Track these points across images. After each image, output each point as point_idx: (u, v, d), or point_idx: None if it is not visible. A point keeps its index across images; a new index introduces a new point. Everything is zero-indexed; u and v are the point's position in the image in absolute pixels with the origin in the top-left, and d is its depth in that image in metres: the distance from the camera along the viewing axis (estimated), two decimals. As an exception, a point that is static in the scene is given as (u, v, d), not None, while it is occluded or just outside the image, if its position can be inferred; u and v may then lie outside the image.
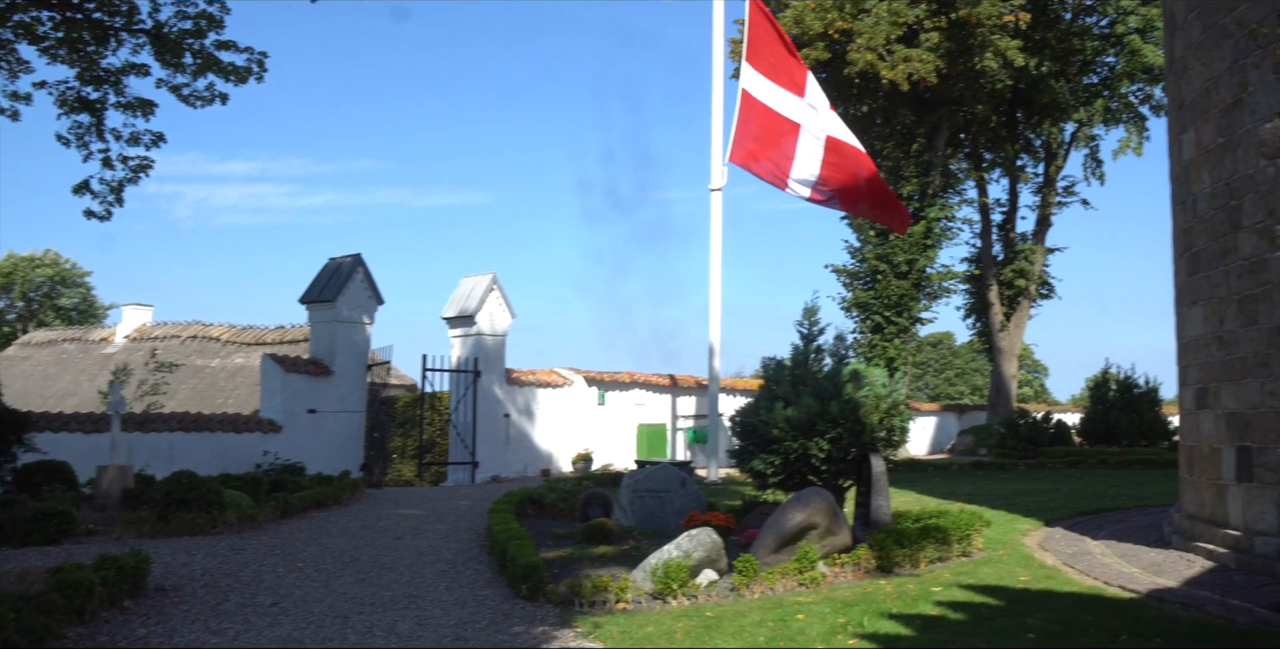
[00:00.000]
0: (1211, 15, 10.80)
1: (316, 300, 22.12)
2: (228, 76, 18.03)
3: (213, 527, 12.59)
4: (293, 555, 11.06)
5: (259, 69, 18.25)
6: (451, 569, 10.43)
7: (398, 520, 14.21)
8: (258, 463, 18.76)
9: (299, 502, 14.74)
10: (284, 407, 20.64)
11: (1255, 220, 9.85)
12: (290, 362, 21.26)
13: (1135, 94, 35.85)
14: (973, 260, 36.64)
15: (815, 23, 29.97)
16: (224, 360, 33.03)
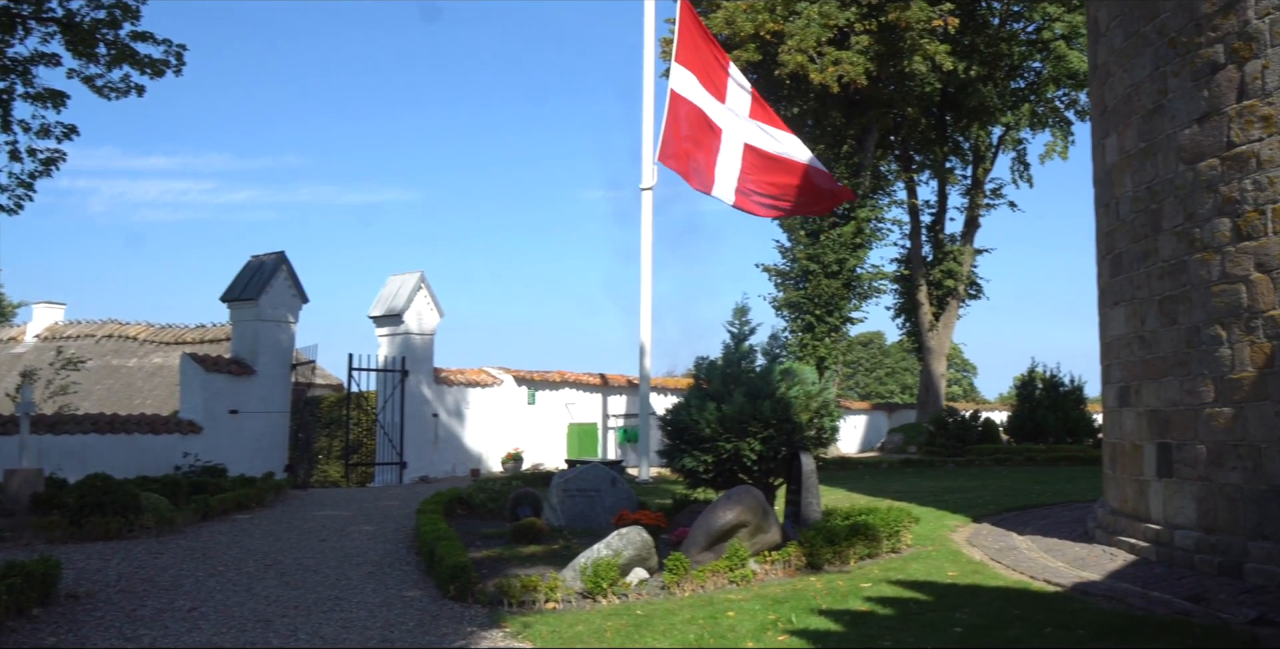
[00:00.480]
0: (1133, 23, 11.05)
1: (239, 298, 21.62)
2: (144, 69, 17.63)
3: (129, 531, 12.20)
4: (213, 559, 10.82)
5: (177, 62, 17.89)
6: (378, 571, 10.30)
7: (323, 522, 14.01)
8: (177, 465, 18.34)
9: (220, 504, 14.38)
10: (204, 407, 20.12)
11: (1175, 223, 10.09)
12: (211, 361, 20.76)
13: (1061, 99, 36.42)
14: (902, 261, 37.02)
15: (746, 24, 30.11)
16: (141, 360, 32.00)
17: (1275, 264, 8.83)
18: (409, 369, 23.40)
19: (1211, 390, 9.52)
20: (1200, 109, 9.78)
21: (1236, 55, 9.36)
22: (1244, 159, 9.20)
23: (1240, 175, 9.22)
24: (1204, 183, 9.67)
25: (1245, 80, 9.26)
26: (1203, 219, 9.67)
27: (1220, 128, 9.51)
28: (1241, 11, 9.34)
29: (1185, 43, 10.04)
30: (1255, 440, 8.96)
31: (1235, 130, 9.32)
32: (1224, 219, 9.40)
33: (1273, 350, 8.83)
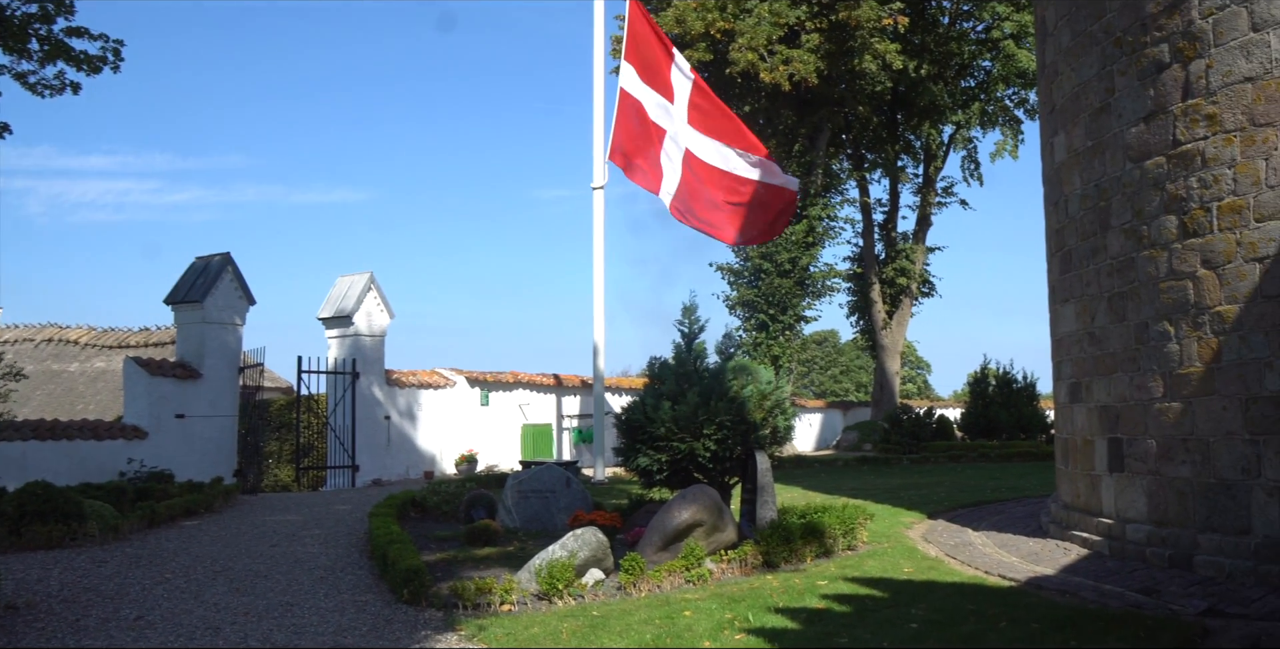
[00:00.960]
0: (1080, 23, 11.17)
1: (183, 301, 21.11)
2: (79, 65, 17.12)
3: (72, 539, 11.87)
4: (160, 566, 10.59)
5: (114, 58, 17.42)
6: (330, 575, 10.14)
7: (273, 527, 13.78)
8: (122, 471, 17.92)
9: (167, 510, 14.06)
10: (150, 412, 19.71)
11: (1123, 220, 10.21)
12: (155, 365, 20.31)
13: (1010, 98, 36.66)
14: (855, 259, 37.19)
15: (697, 23, 30.12)
16: (83, 364, 31.29)
17: (1221, 261, 8.96)
18: (360, 371, 23.10)
19: (1160, 386, 9.64)
20: (1147, 108, 9.90)
21: (1181, 55, 9.49)
22: (1189, 157, 9.32)
23: (1186, 173, 9.35)
24: (1151, 180, 9.79)
25: (1190, 79, 9.39)
26: (1150, 216, 9.79)
27: (1166, 126, 9.63)
28: (1186, 11, 9.47)
29: (1131, 42, 10.16)
30: (1204, 435, 9.09)
31: (1181, 129, 9.45)
32: (1171, 216, 9.53)
33: (1220, 346, 8.96)
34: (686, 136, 21.29)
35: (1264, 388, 8.54)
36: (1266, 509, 8.49)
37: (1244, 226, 8.77)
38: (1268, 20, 8.73)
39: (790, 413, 13.45)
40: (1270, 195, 8.57)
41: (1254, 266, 8.68)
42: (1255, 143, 8.74)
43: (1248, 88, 8.86)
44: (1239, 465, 8.74)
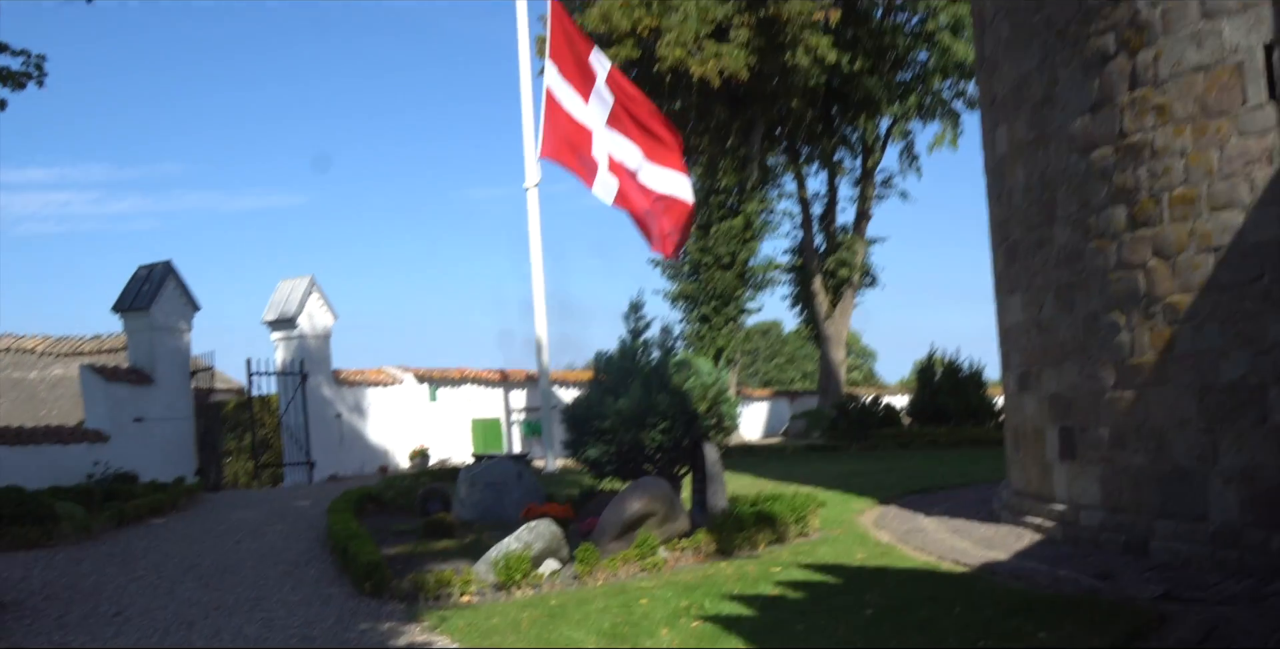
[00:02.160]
0: (1020, 14, 11.25)
1: (130, 309, 21.36)
2: (4, 82, 17.13)
3: (47, 539, 12.19)
4: (132, 564, 10.78)
5: (38, 72, 17.07)
6: (295, 570, 10.28)
7: (237, 523, 13.95)
8: (89, 473, 18.16)
9: (135, 509, 14.33)
10: (109, 416, 19.95)
11: (1069, 212, 10.31)
12: (110, 371, 20.63)
13: (948, 89, 36.80)
14: (795, 251, 37.26)
15: (623, 20, 29.83)
16: (42, 372, 31.58)
17: (1174, 251, 9.06)
18: (308, 371, 23.33)
19: (1112, 375, 9.75)
20: (1092, 99, 9.98)
21: (1128, 45, 9.56)
22: (1138, 148, 9.41)
23: (1135, 164, 9.44)
24: (1098, 172, 9.88)
25: (1137, 69, 9.47)
26: (1097, 207, 9.89)
27: (1113, 117, 9.72)
28: (1132, 2, 9.54)
29: (1074, 33, 10.23)
30: (1158, 423, 9.20)
31: (1128, 120, 9.53)
32: (1120, 207, 9.62)
33: (1173, 336, 9.07)
34: (609, 137, 21.36)
35: (1219, 377, 8.66)
36: (1223, 496, 8.61)
37: (1197, 217, 8.87)
38: (1219, 8, 8.79)
39: (734, 402, 13.57)
40: (1224, 185, 8.67)
41: (1208, 257, 8.78)
42: (1208, 132, 8.84)
43: (1199, 77, 8.94)
44: (1194, 453, 8.86)
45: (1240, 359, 8.53)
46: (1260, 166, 8.44)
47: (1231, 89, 8.71)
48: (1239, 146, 8.61)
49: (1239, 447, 8.50)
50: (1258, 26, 8.52)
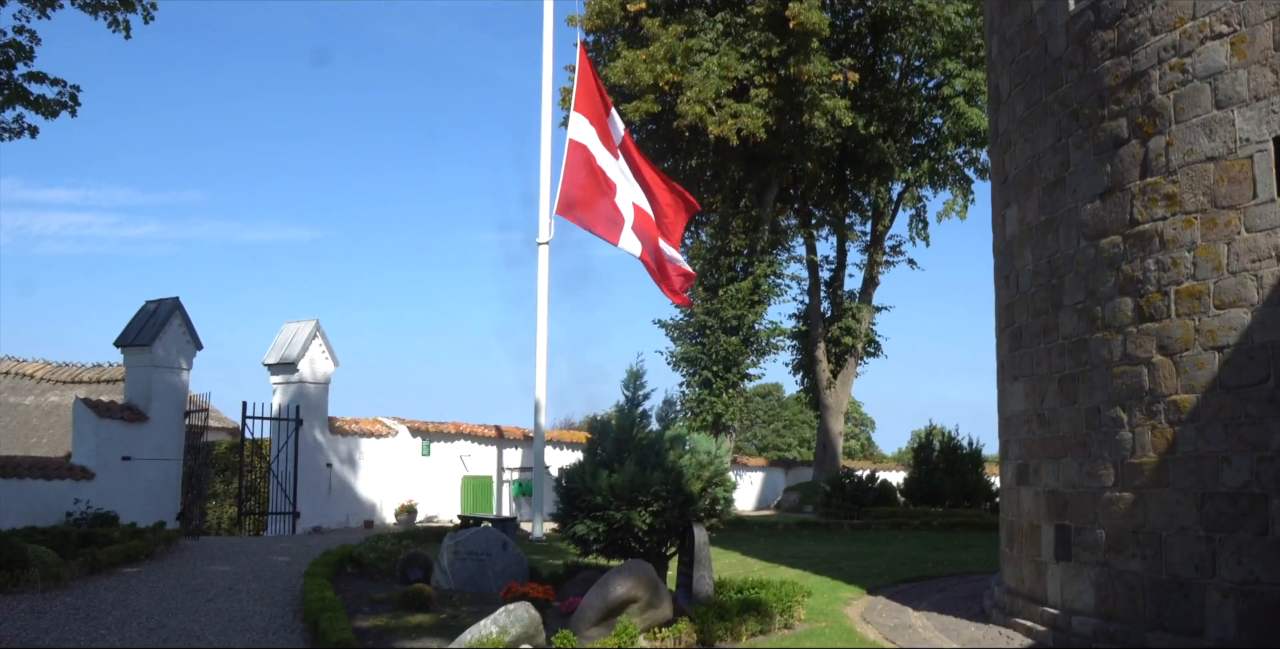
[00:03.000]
0: (1035, 93, 10.95)
1: (132, 344, 21.31)
2: (38, 109, 17.37)
3: (14, 586, 11.72)
4: (97, 620, 10.32)
5: (71, 102, 17.70)
6: (263, 638, 9.80)
7: (211, 578, 13.46)
8: (69, 511, 18.01)
9: (108, 557, 13.86)
10: (97, 453, 19.76)
11: (1076, 300, 9.93)
12: (104, 407, 20.43)
13: (961, 156, 36.66)
14: (800, 317, 36.94)
15: (645, 74, 29.92)
16: (38, 398, 31.63)
17: (1179, 347, 8.66)
18: (303, 418, 23.20)
19: (1112, 474, 9.31)
20: (1103, 184, 9.64)
21: (1140, 130, 9.24)
22: (1147, 238, 9.05)
23: (1143, 254, 9.07)
24: (1106, 260, 9.51)
25: (1149, 156, 9.13)
26: (1105, 297, 9.51)
27: (1123, 204, 9.37)
28: (1145, 85, 9.23)
29: (1088, 115, 9.92)
30: (1156, 528, 8.75)
31: (1138, 208, 9.18)
32: (1126, 298, 9.24)
33: (1175, 436, 8.64)
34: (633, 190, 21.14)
35: (1221, 483, 8.22)
36: (1221, 611, 8.12)
37: (1203, 313, 8.48)
38: (1232, 98, 8.47)
39: (730, 485, 13.14)
40: (1232, 282, 8.28)
41: (1213, 356, 8.38)
42: (1217, 225, 8.47)
43: (1210, 168, 8.60)
44: (1193, 563, 8.39)
45: (1243, 465, 8.09)
46: (1268, 264, 8.06)
47: (1242, 182, 8.35)
48: (1248, 242, 8.24)
49: (1238, 558, 8.03)
50: (1269, 119, 8.18)
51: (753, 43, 30.75)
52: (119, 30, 17.65)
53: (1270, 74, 8.18)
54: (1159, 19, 9.11)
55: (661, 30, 30.59)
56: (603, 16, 31.73)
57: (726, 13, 31.71)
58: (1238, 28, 8.42)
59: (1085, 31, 10.01)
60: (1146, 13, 9.23)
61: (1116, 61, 9.57)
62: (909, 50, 34.96)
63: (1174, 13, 8.97)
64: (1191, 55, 8.79)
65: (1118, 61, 9.55)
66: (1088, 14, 9.97)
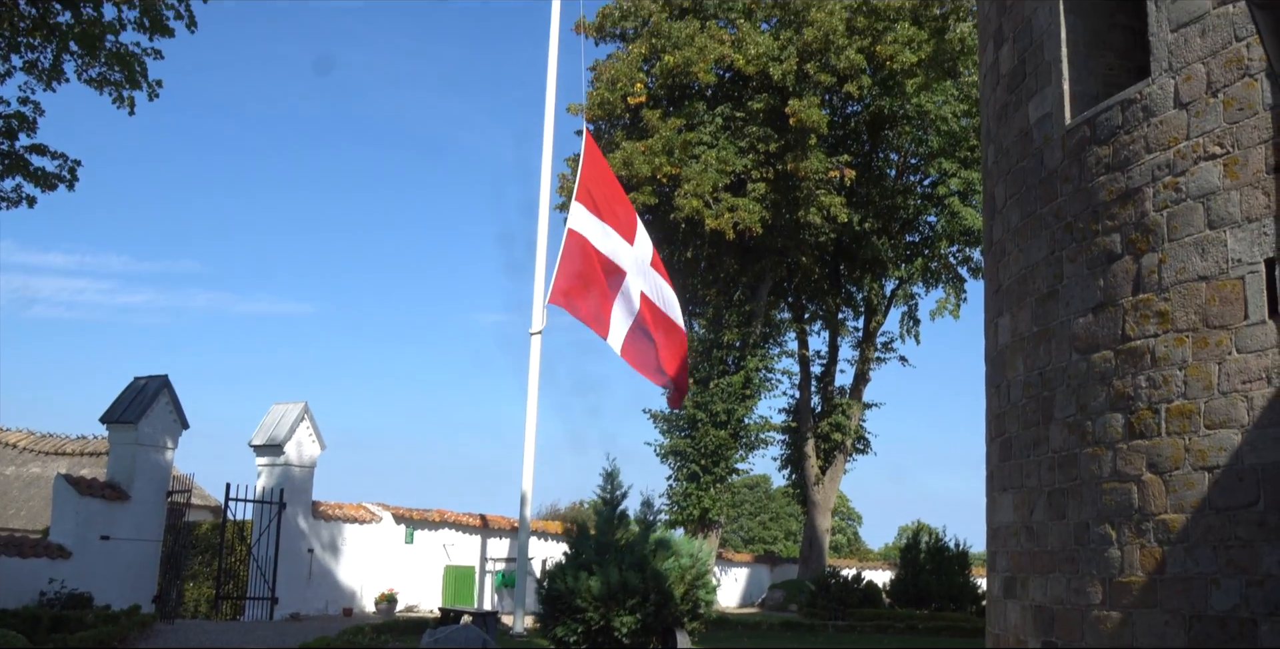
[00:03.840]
0: (1030, 204, 10.99)
1: (118, 421, 21.16)
2: (37, 181, 17.46)
3: None
4: None
5: (70, 176, 17.81)
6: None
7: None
8: (43, 591, 17.85)
9: (80, 643, 13.64)
10: (75, 531, 19.54)
11: (1067, 414, 9.87)
12: (85, 484, 20.25)
13: (955, 255, 36.91)
14: (790, 411, 36.85)
15: (644, 167, 30.23)
16: (19, 469, 31.54)
17: (1169, 466, 8.58)
18: (287, 501, 23.09)
19: (1100, 591, 9.17)
20: (1096, 298, 9.63)
21: (1134, 247, 9.25)
22: (1138, 354, 9.03)
23: (1134, 371, 9.04)
24: (1097, 374, 9.47)
25: (1142, 273, 9.13)
26: (1095, 412, 9.45)
27: (1115, 320, 9.35)
28: (1139, 202, 9.26)
29: (1082, 229, 9.94)
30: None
31: (1130, 324, 9.17)
32: (1116, 414, 9.18)
33: (1164, 556, 8.53)
34: (647, 277, 21.10)
35: (1209, 606, 8.08)
36: (1209, 742, 7.98)
37: (1194, 433, 8.42)
38: (1224, 218, 8.48)
39: (711, 586, 13.01)
40: (1222, 402, 8.24)
41: (1203, 476, 8.30)
42: (1208, 345, 8.45)
43: (1202, 287, 8.59)
44: (1181, 689, 8.25)
45: (1232, 588, 7.96)
46: (1259, 386, 8.01)
47: (1233, 302, 8.33)
48: (1238, 363, 8.20)
49: (1229, 686, 7.89)
50: (1261, 240, 8.18)
51: (751, 137, 31.16)
52: (123, 106, 17.77)
53: (1262, 196, 8.21)
54: (1153, 137, 9.18)
55: (661, 123, 30.99)
56: (604, 107, 32.17)
57: (726, 107, 32.16)
58: (1230, 150, 8.47)
59: (1081, 146, 10.09)
60: (1141, 131, 9.30)
61: (1111, 177, 9.62)
62: (906, 148, 35.43)
63: (1168, 132, 9.04)
64: (1185, 175, 8.84)
65: (1112, 177, 9.60)
66: (1083, 129, 10.05)
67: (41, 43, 16.95)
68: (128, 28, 17.10)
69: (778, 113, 31.06)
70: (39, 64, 17.20)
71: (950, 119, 32.65)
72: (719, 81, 32.65)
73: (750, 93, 32.39)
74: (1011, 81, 11.57)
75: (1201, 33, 8.78)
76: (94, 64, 17.17)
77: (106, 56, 17.02)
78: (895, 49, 30.55)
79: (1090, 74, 10.36)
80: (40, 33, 16.74)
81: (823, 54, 30.51)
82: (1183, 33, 8.96)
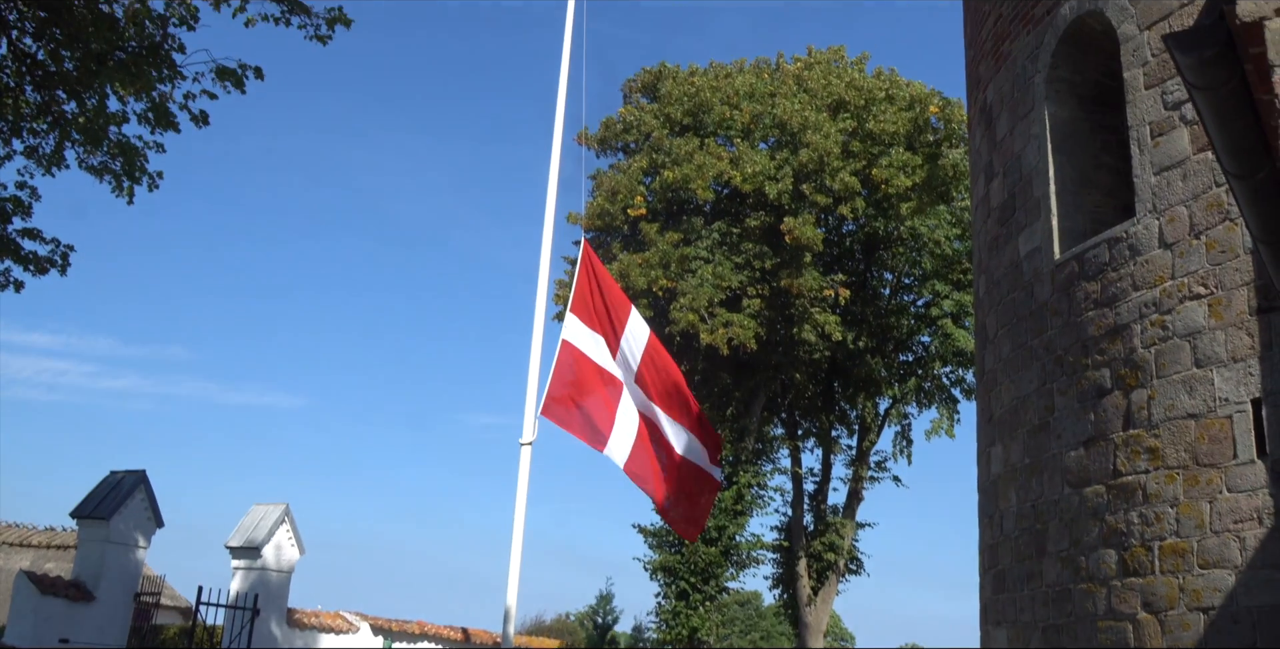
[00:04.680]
0: (1021, 336, 11.10)
1: (89, 516, 20.60)
2: (28, 266, 17.36)
3: None
4: None
5: (62, 261, 17.61)
6: None
7: None
8: None
9: None
10: (33, 633, 18.79)
11: (1060, 548, 9.84)
12: (48, 582, 19.58)
13: (948, 375, 37.05)
14: (782, 529, 36.60)
15: (640, 279, 30.53)
16: None
17: (1164, 605, 8.53)
18: (261, 607, 22.31)
19: (1095, 732, 9.08)
20: (1087, 432, 9.67)
21: (1123, 382, 9.33)
22: (1130, 490, 9.04)
23: (1127, 507, 9.04)
24: (1090, 509, 9.47)
25: (1132, 408, 9.19)
26: (1089, 547, 9.42)
27: (1106, 454, 9.38)
28: (1128, 338, 9.36)
29: (1073, 362, 10.02)
30: None
31: (1121, 459, 9.19)
32: (1110, 550, 9.16)
33: (1159, 698, 8.47)
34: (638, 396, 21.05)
35: (1207, 752, 8.02)
36: None
37: (1187, 572, 8.40)
38: (1211, 357, 8.57)
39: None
40: (1215, 541, 8.22)
41: (1198, 617, 8.25)
42: (1199, 483, 8.46)
43: (1190, 424, 8.64)
44: None
45: (1231, 733, 7.90)
46: (1250, 526, 8.02)
47: (1222, 441, 8.37)
48: (1230, 502, 8.21)
49: None
50: (1247, 380, 8.26)
51: (747, 254, 31.52)
52: (123, 195, 17.66)
53: (1247, 337, 8.32)
54: (1140, 275, 9.32)
55: (659, 237, 31.37)
56: (603, 218, 32.65)
57: (723, 223, 32.59)
58: (1214, 291, 8.61)
59: (1070, 281, 10.23)
60: (1128, 268, 9.45)
61: (1100, 313, 9.74)
62: (900, 269, 35.80)
63: (1154, 271, 9.18)
64: (1171, 313, 8.96)
65: (1101, 313, 9.72)
66: (1072, 264, 10.20)
67: (45, 130, 16.97)
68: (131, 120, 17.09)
69: (773, 230, 31.48)
70: (40, 149, 17.20)
71: (943, 242, 33.12)
72: (716, 198, 33.14)
73: (747, 210, 32.89)
74: (1002, 215, 11.78)
75: (1183, 177, 9.00)
76: (95, 153, 17.18)
77: (108, 146, 17.00)
78: (889, 173, 31.09)
79: (1078, 211, 10.57)
80: (44, 120, 16.77)
81: (818, 175, 31.06)
82: (1165, 176, 9.17)
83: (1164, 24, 9.40)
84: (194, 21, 16.73)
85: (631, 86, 37.33)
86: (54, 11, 14.94)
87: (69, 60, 15.70)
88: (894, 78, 33.98)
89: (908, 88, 33.17)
